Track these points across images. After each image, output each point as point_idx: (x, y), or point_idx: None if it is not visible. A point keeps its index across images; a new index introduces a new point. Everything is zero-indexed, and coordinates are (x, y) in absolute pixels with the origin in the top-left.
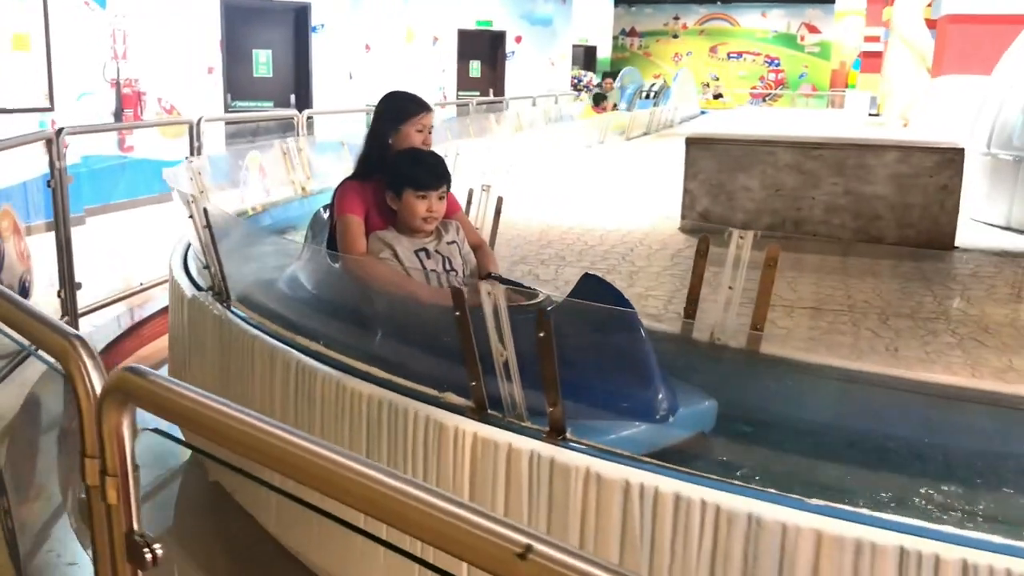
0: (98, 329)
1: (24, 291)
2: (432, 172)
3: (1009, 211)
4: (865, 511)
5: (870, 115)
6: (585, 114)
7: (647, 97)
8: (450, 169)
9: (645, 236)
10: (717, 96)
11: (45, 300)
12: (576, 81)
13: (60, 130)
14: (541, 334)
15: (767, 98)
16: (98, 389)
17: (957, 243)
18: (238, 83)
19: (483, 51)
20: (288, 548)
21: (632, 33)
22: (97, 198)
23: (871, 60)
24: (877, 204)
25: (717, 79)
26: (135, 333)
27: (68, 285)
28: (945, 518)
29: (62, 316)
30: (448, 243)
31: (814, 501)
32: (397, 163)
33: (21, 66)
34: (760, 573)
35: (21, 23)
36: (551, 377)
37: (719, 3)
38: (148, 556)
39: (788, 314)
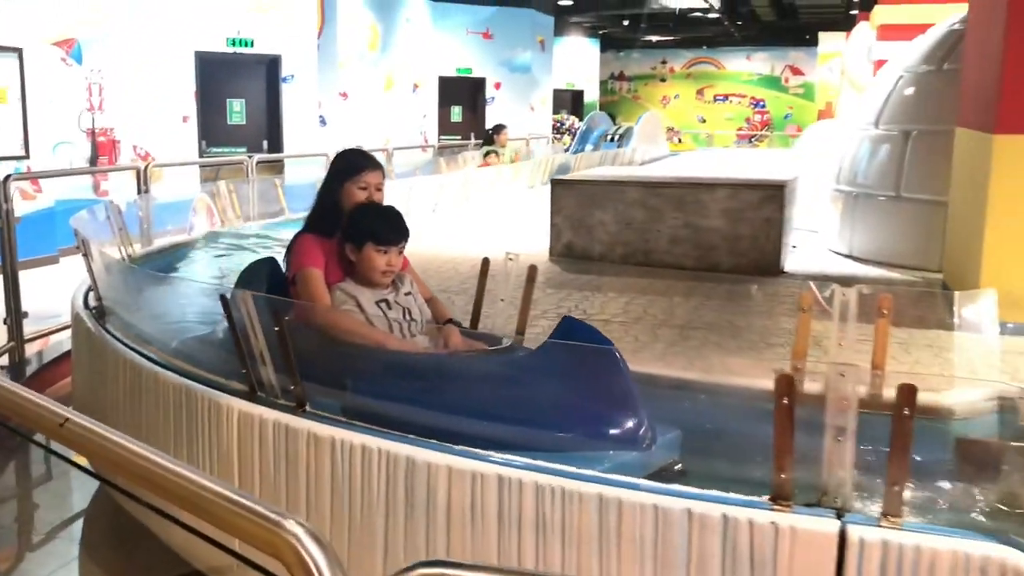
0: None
1: None
2: (394, 228)
3: (851, 240)
4: (475, 451)
5: None
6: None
7: (611, 140)
8: None
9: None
10: (679, 140)
11: None
12: (559, 124)
13: (8, 176)
14: (276, 328)
15: (753, 139)
16: None
17: (788, 269)
18: (213, 130)
19: (464, 97)
20: None
21: (621, 77)
22: (71, 239)
23: None
24: (712, 236)
25: (704, 121)
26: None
27: (15, 315)
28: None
29: (8, 341)
30: (405, 294)
31: (458, 447)
32: (359, 217)
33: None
34: (416, 500)
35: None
36: (291, 364)
37: (705, 48)
38: None
39: None
